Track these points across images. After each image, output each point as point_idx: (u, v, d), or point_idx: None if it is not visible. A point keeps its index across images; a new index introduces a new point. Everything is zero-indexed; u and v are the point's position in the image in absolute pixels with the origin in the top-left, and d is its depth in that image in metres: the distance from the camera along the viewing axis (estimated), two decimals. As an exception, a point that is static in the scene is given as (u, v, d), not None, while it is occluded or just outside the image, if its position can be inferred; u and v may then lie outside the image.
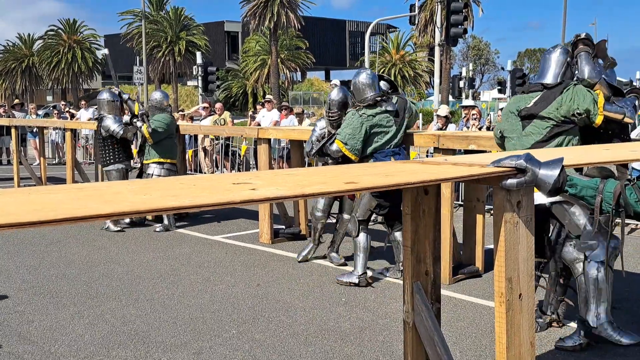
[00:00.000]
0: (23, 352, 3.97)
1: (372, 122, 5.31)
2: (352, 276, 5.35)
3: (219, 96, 37.40)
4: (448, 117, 9.99)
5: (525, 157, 2.32)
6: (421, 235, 2.69)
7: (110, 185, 2.07)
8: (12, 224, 1.41)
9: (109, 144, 7.83)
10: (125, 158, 7.98)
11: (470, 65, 36.93)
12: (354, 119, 5.34)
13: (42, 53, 43.80)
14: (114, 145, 7.84)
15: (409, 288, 2.71)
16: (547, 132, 4.14)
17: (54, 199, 1.73)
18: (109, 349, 4.00)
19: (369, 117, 5.30)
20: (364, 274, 5.34)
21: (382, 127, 5.33)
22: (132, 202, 1.66)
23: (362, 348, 4.03)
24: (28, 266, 6.05)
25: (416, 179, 2.19)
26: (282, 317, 4.61)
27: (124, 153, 7.96)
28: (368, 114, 5.31)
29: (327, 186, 2.03)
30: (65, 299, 5.03)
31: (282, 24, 35.44)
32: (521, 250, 2.44)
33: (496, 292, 2.44)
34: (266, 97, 13.77)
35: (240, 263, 6.18)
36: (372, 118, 5.30)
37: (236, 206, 1.76)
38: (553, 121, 4.14)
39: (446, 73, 30.33)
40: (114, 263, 6.19)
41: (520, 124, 4.30)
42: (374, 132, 5.33)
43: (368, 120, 5.31)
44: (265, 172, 4.49)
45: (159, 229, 7.65)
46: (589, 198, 2.30)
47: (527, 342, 2.50)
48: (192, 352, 3.95)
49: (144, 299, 5.01)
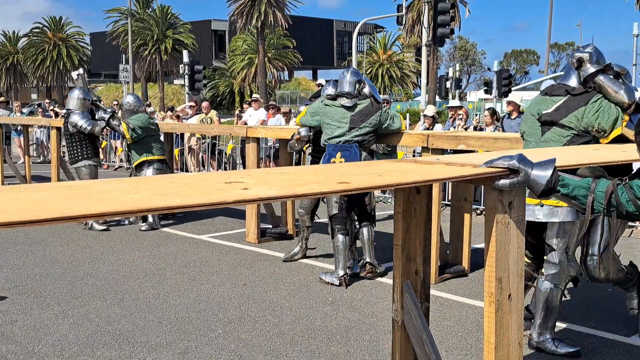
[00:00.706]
0: (6, 351, 3.92)
1: (325, 111, 5.66)
2: (333, 277, 5.39)
3: (205, 95, 37.28)
4: (435, 117, 10.01)
5: (518, 157, 2.32)
6: (412, 234, 2.69)
7: (98, 184, 2.04)
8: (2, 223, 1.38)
9: (76, 140, 7.75)
10: (94, 154, 7.90)
11: (457, 66, 37.12)
12: (317, 103, 5.88)
13: (27, 50, 43.43)
14: (82, 142, 7.75)
15: (398, 287, 2.71)
16: (567, 141, 3.93)
17: (43, 197, 1.71)
18: (94, 349, 3.96)
19: (325, 105, 5.69)
20: (344, 275, 5.35)
21: (332, 120, 5.61)
22: (123, 201, 1.64)
23: (348, 347, 4.02)
24: (12, 265, 5.98)
25: (409, 179, 2.19)
26: (269, 316, 4.59)
27: (92, 149, 7.87)
28: (325, 103, 5.70)
29: (320, 186, 2.02)
30: (50, 298, 4.98)
31: (269, 23, 35.36)
32: (512, 251, 2.44)
33: (486, 292, 2.44)
34: (253, 97, 13.72)
35: (227, 262, 6.15)
36: (325, 107, 5.67)
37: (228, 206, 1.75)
38: (574, 130, 3.93)
39: (433, 73, 30.39)
40: (98, 262, 6.13)
41: (539, 129, 4.07)
42: (325, 122, 5.66)
43: (323, 107, 5.69)
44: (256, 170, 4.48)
45: (144, 228, 7.60)
46: (581, 198, 2.30)
47: (515, 342, 2.50)
48: (178, 352, 3.92)
49: (129, 299, 4.97)
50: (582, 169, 2.48)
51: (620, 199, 2.17)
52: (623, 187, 2.18)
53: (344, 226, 5.47)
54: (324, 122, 5.65)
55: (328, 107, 5.65)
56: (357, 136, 5.54)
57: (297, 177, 2.31)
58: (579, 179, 2.32)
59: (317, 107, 5.79)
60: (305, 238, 6.20)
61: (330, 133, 5.59)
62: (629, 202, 2.17)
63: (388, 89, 38.74)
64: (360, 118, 5.56)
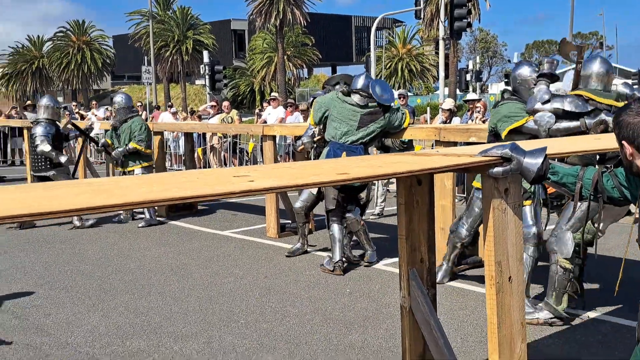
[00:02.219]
0: (41, 343, 4.15)
1: (336, 105, 5.73)
2: (330, 264, 5.66)
3: (227, 94, 37.60)
4: (452, 110, 10.09)
5: (511, 146, 2.45)
6: (415, 224, 2.82)
7: (118, 180, 2.23)
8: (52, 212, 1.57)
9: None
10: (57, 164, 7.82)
11: (477, 58, 36.91)
12: (330, 94, 5.92)
13: (51, 54, 44.17)
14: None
15: (405, 275, 2.86)
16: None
17: (71, 192, 1.89)
18: (123, 339, 4.17)
19: (337, 98, 5.76)
20: (339, 262, 5.61)
21: (341, 117, 5.69)
22: (140, 193, 1.81)
23: (365, 336, 4.18)
24: (44, 263, 6.25)
25: (405, 169, 2.33)
26: (289, 307, 4.76)
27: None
28: (338, 96, 5.79)
29: (321, 177, 2.18)
30: (80, 293, 5.22)
31: (288, 21, 35.53)
32: (509, 235, 2.57)
33: (486, 275, 2.57)
34: (272, 95, 13.92)
35: (248, 256, 6.34)
36: (337, 102, 5.73)
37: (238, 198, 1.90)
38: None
39: (453, 66, 30.28)
40: (126, 258, 6.37)
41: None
42: (333, 116, 5.73)
43: (335, 100, 5.76)
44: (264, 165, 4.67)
45: (142, 225, 7.89)
46: (569, 185, 2.42)
47: (517, 322, 2.63)
48: (203, 342, 4.12)
49: (155, 292, 5.18)
50: (571, 157, 2.60)
51: (605, 186, 2.30)
52: (608, 175, 2.30)
53: (339, 218, 5.76)
54: (332, 114, 5.72)
55: (340, 101, 5.75)
56: (363, 137, 5.71)
57: (301, 171, 2.47)
58: (569, 167, 2.44)
59: (328, 98, 5.84)
60: (304, 234, 6.39)
61: (337, 128, 5.68)
62: (614, 189, 2.30)
63: (408, 83, 38.69)
64: (369, 118, 5.72)
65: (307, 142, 6.15)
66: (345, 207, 5.80)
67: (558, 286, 4.22)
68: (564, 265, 4.21)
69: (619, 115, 2.14)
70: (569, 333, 4.19)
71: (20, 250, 6.81)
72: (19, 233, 7.64)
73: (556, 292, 4.23)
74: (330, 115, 5.75)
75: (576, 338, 4.10)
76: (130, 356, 3.89)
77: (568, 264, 4.21)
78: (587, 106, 4.30)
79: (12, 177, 13.12)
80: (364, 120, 5.68)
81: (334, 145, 5.70)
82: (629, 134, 2.08)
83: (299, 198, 6.34)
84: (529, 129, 4.52)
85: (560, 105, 4.32)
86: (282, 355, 3.86)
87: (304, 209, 6.27)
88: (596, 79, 4.40)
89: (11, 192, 1.88)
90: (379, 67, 31.18)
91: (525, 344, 2.71)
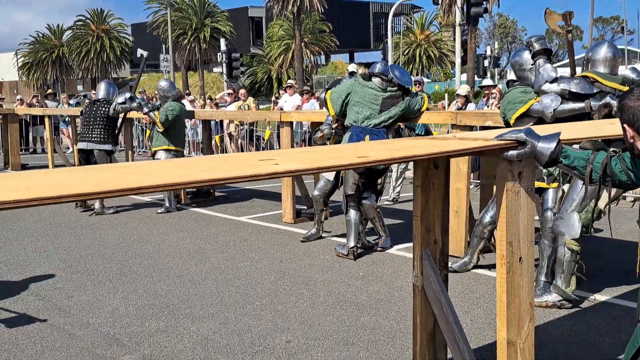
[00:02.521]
0: (64, 323, 4.30)
1: (357, 90, 5.80)
2: (344, 248, 5.75)
3: (244, 82, 37.75)
4: (468, 96, 10.09)
5: (526, 131, 2.52)
6: (430, 206, 2.90)
7: (151, 164, 2.36)
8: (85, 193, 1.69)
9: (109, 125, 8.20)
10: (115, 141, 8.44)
11: (495, 44, 36.58)
12: (349, 81, 6.02)
13: (71, 43, 44.60)
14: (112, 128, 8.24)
15: (418, 254, 2.94)
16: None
17: (107, 175, 2.01)
18: (143, 320, 4.31)
19: (357, 83, 5.85)
20: (354, 247, 5.70)
21: (363, 101, 5.76)
22: (174, 175, 1.92)
23: (377, 318, 4.27)
24: (65, 247, 6.42)
25: (422, 152, 2.41)
26: (303, 290, 4.87)
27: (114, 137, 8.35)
28: (358, 81, 5.87)
29: (340, 160, 2.27)
30: (101, 276, 5.37)
31: (305, 7, 35.49)
32: (522, 217, 2.64)
33: (498, 255, 2.65)
34: (288, 82, 14.00)
35: (264, 241, 6.46)
36: (358, 87, 5.81)
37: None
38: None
39: (472, 52, 30.06)
40: (145, 243, 6.52)
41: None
42: (354, 101, 5.79)
43: (356, 85, 5.84)
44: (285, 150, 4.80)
45: (161, 211, 8.06)
46: (580, 168, 2.49)
47: (526, 302, 2.70)
48: (219, 322, 4.24)
49: (174, 275, 5.32)
50: (584, 142, 2.65)
51: (614, 169, 2.37)
52: (617, 159, 2.36)
53: (357, 204, 5.84)
54: (352, 99, 5.79)
55: (361, 86, 5.82)
56: (385, 120, 5.76)
57: (321, 154, 2.56)
58: (581, 151, 2.52)
59: (347, 85, 5.91)
60: (320, 220, 6.46)
61: (358, 112, 5.75)
62: (622, 172, 2.36)
63: (426, 69, 38.51)
64: (391, 102, 5.79)
65: (327, 130, 6.20)
66: (362, 193, 5.88)
67: (566, 268, 4.28)
68: (571, 247, 4.26)
69: (622, 99, 2.20)
70: (578, 316, 4.25)
71: (42, 235, 7.00)
72: (44, 219, 7.83)
73: (564, 274, 4.29)
74: (351, 100, 5.81)
75: (585, 320, 4.15)
76: (149, 336, 4.02)
77: (575, 246, 4.26)
78: (593, 88, 4.34)
79: (34, 165, 13.38)
80: (385, 103, 5.76)
81: (356, 129, 5.75)
82: (630, 118, 2.14)
83: (317, 186, 6.43)
84: (535, 111, 4.56)
85: (567, 87, 4.36)
86: (296, 336, 3.97)
87: (322, 196, 6.35)
88: (603, 62, 4.45)
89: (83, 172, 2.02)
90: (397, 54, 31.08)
91: (533, 323, 2.78)
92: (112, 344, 3.92)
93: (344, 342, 3.87)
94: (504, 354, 2.76)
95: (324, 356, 3.67)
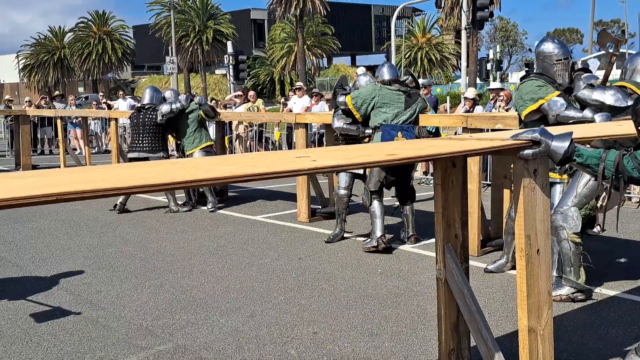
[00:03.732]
0: (97, 316, 4.48)
1: (382, 93, 6.10)
2: (372, 241, 5.96)
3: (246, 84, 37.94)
4: (475, 99, 10.28)
5: (540, 130, 2.71)
6: (450, 203, 3.09)
7: (197, 160, 2.53)
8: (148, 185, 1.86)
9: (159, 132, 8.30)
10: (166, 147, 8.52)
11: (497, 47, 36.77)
12: (370, 86, 6.28)
13: (73, 45, 44.74)
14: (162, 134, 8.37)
15: (440, 249, 3.13)
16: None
17: (159, 170, 2.18)
18: (173, 313, 4.49)
19: (381, 88, 6.14)
20: (382, 236, 5.90)
21: (390, 101, 6.09)
22: (221, 170, 2.09)
23: (398, 310, 4.45)
24: (88, 245, 6.60)
25: (446, 150, 2.60)
26: (324, 285, 5.05)
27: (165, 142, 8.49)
28: (379, 86, 6.16)
29: (371, 157, 2.45)
30: (127, 272, 5.55)
31: (307, 10, 35.72)
32: (538, 212, 2.83)
33: (517, 248, 2.83)
34: (297, 85, 14.19)
35: (282, 240, 6.64)
36: (381, 90, 6.12)
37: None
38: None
39: (473, 55, 30.28)
40: (165, 241, 6.70)
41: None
42: (381, 103, 6.09)
43: (379, 89, 6.13)
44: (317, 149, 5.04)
45: (211, 208, 8.26)
46: (593, 166, 2.68)
47: (544, 291, 2.89)
48: (246, 315, 4.42)
49: (197, 272, 5.50)
50: (595, 141, 2.84)
51: (626, 167, 2.56)
52: (628, 157, 2.56)
53: (379, 196, 6.12)
54: (378, 102, 6.09)
55: (385, 89, 6.14)
56: (412, 115, 6.13)
57: (352, 152, 2.75)
58: (593, 149, 2.71)
59: (370, 90, 6.19)
60: (344, 220, 6.59)
61: (387, 112, 6.06)
62: (634, 169, 2.56)
63: (427, 72, 38.70)
64: (411, 100, 6.18)
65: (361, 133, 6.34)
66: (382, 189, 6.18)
67: (574, 261, 4.45)
68: (574, 240, 4.44)
69: (636, 105, 2.41)
70: (590, 309, 4.43)
71: (63, 233, 7.17)
72: (62, 218, 8.01)
73: (573, 267, 4.46)
74: (377, 103, 6.11)
75: (597, 314, 4.33)
76: (181, 328, 4.20)
77: (577, 239, 4.44)
78: (628, 100, 4.48)
79: (45, 166, 13.54)
80: (408, 101, 6.15)
81: (387, 127, 6.03)
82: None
83: (340, 185, 6.54)
84: (543, 109, 4.76)
85: (600, 98, 4.50)
86: (322, 327, 4.15)
87: (347, 195, 6.53)
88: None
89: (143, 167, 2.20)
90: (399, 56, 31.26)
91: (552, 310, 2.97)
92: (147, 335, 4.10)
93: (369, 333, 4.05)
94: (526, 340, 2.96)
95: (351, 346, 3.85)
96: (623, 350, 3.69)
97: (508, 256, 5.31)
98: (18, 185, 1.92)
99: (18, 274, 5.54)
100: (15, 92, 43.71)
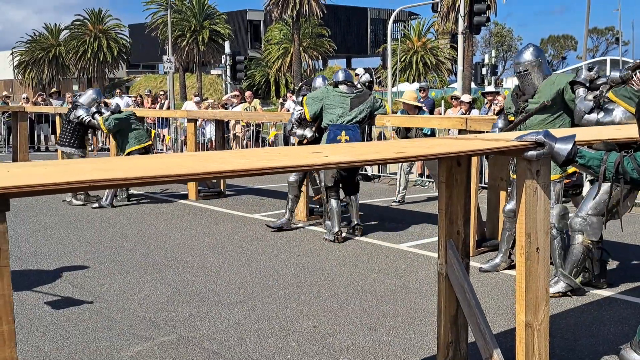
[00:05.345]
0: (101, 308, 4.56)
1: (329, 95, 6.70)
2: (330, 235, 6.46)
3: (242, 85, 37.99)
4: (471, 103, 10.42)
5: (544, 133, 2.82)
6: (454, 200, 3.20)
7: (214, 153, 2.63)
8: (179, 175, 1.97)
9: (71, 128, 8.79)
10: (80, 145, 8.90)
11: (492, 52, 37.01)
12: (322, 88, 6.90)
13: (68, 43, 44.64)
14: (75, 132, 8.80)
15: (442, 244, 3.23)
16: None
17: (178, 161, 2.28)
18: (175, 306, 4.58)
19: (329, 90, 6.75)
20: (338, 231, 6.38)
21: (334, 103, 6.62)
22: (239, 163, 2.19)
23: (396, 307, 4.56)
24: (88, 240, 6.67)
25: (453, 149, 2.71)
26: (323, 281, 5.15)
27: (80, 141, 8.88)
28: (327, 89, 6.78)
29: (381, 154, 2.55)
30: (128, 266, 5.63)
31: (304, 12, 35.82)
32: (539, 211, 2.94)
33: (517, 246, 2.94)
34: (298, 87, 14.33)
35: (280, 237, 6.74)
36: (329, 92, 6.71)
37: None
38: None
39: (468, 60, 30.45)
40: (164, 237, 6.78)
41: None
42: (327, 105, 6.66)
43: (327, 92, 6.73)
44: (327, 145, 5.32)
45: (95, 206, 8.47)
46: (594, 167, 2.79)
47: (542, 287, 3.00)
48: (247, 309, 4.51)
49: (197, 267, 5.59)
50: (597, 143, 2.95)
51: (626, 168, 2.68)
52: (628, 158, 2.68)
53: (336, 194, 6.61)
54: (326, 104, 6.61)
55: (332, 91, 6.68)
56: (356, 115, 6.58)
57: (362, 149, 2.85)
58: (594, 151, 2.83)
59: (320, 92, 6.76)
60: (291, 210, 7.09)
61: (332, 113, 6.56)
62: (634, 170, 2.68)
63: (422, 76, 38.87)
64: (358, 101, 6.68)
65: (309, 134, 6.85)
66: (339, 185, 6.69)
67: (581, 263, 4.59)
68: (588, 246, 4.58)
69: (639, 110, 2.52)
70: (583, 308, 4.55)
71: (63, 228, 7.24)
72: (62, 213, 8.07)
73: (576, 267, 4.60)
74: (325, 105, 6.64)
75: (590, 312, 4.46)
76: (183, 320, 4.29)
77: (590, 243, 4.58)
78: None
79: (42, 162, 13.57)
80: (353, 102, 6.67)
81: (333, 127, 6.54)
82: None
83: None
84: None
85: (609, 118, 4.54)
86: (322, 322, 4.25)
87: (297, 182, 7.07)
88: None
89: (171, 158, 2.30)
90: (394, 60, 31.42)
91: (549, 306, 3.08)
92: (150, 326, 4.19)
93: (368, 327, 4.15)
94: (522, 334, 3.07)
95: (350, 339, 3.95)
96: (615, 347, 3.81)
97: (505, 256, 5.42)
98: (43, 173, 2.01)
99: (21, 266, 5.61)
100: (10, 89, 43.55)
